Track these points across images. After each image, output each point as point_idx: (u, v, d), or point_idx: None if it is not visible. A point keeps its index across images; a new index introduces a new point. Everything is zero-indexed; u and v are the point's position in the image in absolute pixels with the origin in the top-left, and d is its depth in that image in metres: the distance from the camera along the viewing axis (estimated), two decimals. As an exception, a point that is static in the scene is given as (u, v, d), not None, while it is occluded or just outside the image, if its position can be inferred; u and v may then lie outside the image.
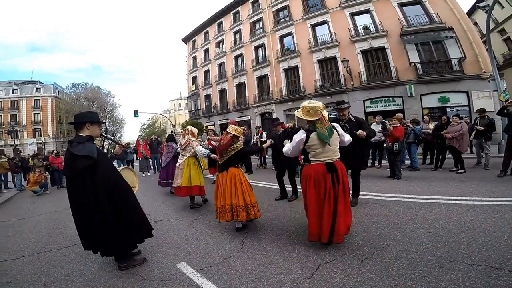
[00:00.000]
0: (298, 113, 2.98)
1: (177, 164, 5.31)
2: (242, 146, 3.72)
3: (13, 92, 44.20)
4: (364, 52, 17.65)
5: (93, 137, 2.70)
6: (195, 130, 5.40)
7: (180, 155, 5.37)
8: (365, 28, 17.68)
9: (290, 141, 3.10)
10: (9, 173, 10.20)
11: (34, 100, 44.38)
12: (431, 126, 7.77)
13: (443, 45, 15.39)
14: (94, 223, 2.49)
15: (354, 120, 4.21)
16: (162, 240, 3.47)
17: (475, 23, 19.38)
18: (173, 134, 7.72)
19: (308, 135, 2.84)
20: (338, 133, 2.99)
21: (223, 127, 23.93)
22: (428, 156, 8.34)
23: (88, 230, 2.53)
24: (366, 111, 17.20)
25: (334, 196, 2.74)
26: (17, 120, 41.79)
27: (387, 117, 9.37)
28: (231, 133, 3.62)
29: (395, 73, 16.33)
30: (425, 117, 9.05)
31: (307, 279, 2.29)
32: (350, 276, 2.26)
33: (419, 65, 15.71)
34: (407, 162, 7.94)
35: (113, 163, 3.39)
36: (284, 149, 3.16)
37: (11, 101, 43.68)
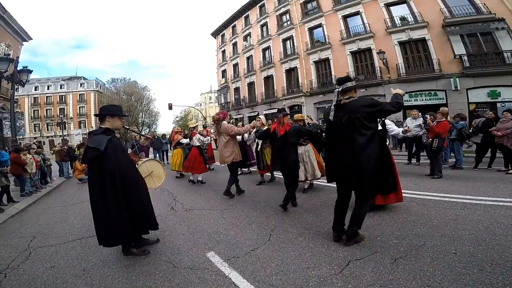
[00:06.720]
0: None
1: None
2: None
3: (61, 88, 48.79)
4: (402, 44, 16.62)
5: (111, 129, 2.81)
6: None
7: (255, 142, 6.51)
8: (403, 19, 16.62)
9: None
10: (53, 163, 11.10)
11: (79, 94, 48.67)
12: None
13: (493, 37, 13.96)
14: (98, 208, 2.64)
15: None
16: (193, 229, 3.60)
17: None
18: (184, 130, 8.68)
19: None
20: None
21: (251, 119, 24.18)
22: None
23: (95, 216, 2.68)
24: (404, 104, 16.16)
25: None
26: (65, 113, 46.00)
27: (428, 111, 8.77)
28: None
29: (437, 65, 15.18)
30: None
31: (335, 275, 2.24)
32: (382, 275, 2.18)
33: (465, 58, 14.46)
34: (451, 160, 7.35)
35: (147, 152, 3.59)
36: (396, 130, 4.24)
37: (59, 95, 48.33)
